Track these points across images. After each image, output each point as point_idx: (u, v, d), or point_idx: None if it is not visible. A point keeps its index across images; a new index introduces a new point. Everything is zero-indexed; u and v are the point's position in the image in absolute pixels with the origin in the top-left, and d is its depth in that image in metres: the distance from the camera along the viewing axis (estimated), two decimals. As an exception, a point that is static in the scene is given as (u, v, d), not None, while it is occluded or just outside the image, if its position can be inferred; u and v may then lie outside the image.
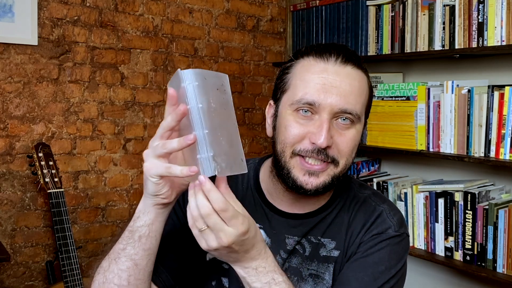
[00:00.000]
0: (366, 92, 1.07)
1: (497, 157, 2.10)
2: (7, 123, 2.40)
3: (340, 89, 1.01)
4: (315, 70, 1.03)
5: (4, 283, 2.41)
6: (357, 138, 1.06)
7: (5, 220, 2.42)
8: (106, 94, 2.65)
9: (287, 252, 1.10)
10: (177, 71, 0.85)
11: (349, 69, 1.04)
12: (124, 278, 0.96)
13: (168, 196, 0.94)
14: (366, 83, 1.07)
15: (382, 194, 1.19)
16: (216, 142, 0.85)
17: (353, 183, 1.17)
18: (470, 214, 2.19)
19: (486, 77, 2.34)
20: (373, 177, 2.64)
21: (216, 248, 0.88)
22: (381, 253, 1.06)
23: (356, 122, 1.04)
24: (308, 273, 1.09)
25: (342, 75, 1.02)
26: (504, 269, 2.09)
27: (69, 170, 2.57)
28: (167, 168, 0.88)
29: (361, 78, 1.06)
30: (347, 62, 1.04)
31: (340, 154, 1.03)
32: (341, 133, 1.03)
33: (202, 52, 2.95)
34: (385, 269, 1.05)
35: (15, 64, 2.41)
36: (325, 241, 1.09)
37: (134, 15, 2.72)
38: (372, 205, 1.12)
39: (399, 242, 1.09)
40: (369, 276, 1.03)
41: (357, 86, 1.04)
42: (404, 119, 2.42)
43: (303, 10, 3.06)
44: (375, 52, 2.63)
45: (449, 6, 2.27)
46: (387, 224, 1.09)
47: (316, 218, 1.11)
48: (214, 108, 0.86)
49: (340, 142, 1.02)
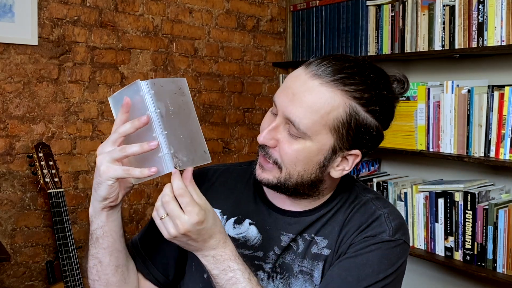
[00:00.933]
0: (327, 112, 0.99)
1: (497, 157, 2.10)
2: (7, 123, 2.40)
3: (296, 96, 1.00)
4: (292, 73, 1.06)
5: (4, 283, 2.42)
6: (303, 154, 1.01)
7: (5, 220, 2.42)
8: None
9: (281, 249, 1.10)
10: (135, 82, 0.94)
11: (315, 83, 0.99)
12: (94, 274, 1.07)
13: (116, 199, 1.00)
14: (331, 104, 0.99)
15: (386, 200, 1.17)
16: (176, 140, 0.95)
17: (357, 186, 1.16)
18: (470, 214, 2.19)
19: (486, 77, 2.34)
20: (373, 177, 2.64)
21: (175, 236, 0.94)
22: (370, 255, 1.03)
23: (304, 137, 1.00)
24: (299, 270, 1.09)
25: (305, 86, 1.00)
26: (504, 269, 2.09)
27: (69, 170, 2.57)
28: (126, 170, 0.95)
29: (325, 96, 0.98)
30: (320, 76, 0.99)
31: (282, 160, 1.03)
32: (288, 140, 1.02)
33: (202, 52, 2.95)
34: (372, 272, 1.02)
35: (15, 64, 2.41)
36: (318, 239, 1.09)
37: (134, 15, 2.72)
38: (372, 209, 1.10)
39: (393, 248, 1.05)
40: (353, 277, 1.02)
41: (310, 102, 0.98)
42: (404, 119, 2.42)
43: (303, 10, 3.07)
44: (375, 52, 2.64)
45: (449, 6, 2.27)
46: (382, 228, 1.06)
47: (313, 216, 1.11)
48: (172, 111, 0.96)
49: (282, 148, 1.02)
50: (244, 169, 1.21)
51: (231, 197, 1.17)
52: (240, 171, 1.21)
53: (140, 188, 2.79)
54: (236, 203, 1.16)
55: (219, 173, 1.22)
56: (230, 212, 1.15)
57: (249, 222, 1.13)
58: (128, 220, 2.74)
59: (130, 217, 2.75)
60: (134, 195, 2.77)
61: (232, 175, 1.21)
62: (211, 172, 1.22)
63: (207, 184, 1.19)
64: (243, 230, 1.13)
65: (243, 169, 1.21)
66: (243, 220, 1.14)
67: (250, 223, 1.13)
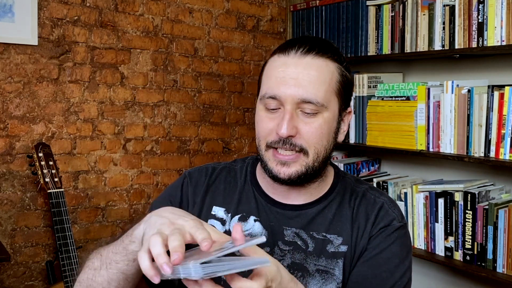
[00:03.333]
0: (330, 79, 1.08)
1: (497, 157, 2.10)
2: (7, 123, 2.40)
3: (298, 80, 1.05)
4: (276, 65, 1.09)
5: (4, 283, 2.41)
6: (325, 127, 1.08)
7: (5, 220, 2.42)
8: (106, 94, 2.65)
9: (287, 244, 1.12)
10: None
11: (308, 60, 1.07)
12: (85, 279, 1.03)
13: None
14: (329, 71, 1.08)
15: (378, 188, 1.24)
16: None
17: (349, 178, 1.21)
18: (470, 214, 2.19)
19: (486, 77, 2.34)
20: (373, 177, 2.64)
21: None
22: (393, 247, 1.10)
23: (321, 111, 1.07)
24: (315, 269, 1.10)
25: (300, 66, 1.06)
26: (504, 269, 2.09)
27: (69, 170, 2.57)
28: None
29: (322, 66, 1.07)
30: (307, 53, 1.07)
31: (307, 144, 1.07)
32: (306, 122, 1.06)
33: (202, 52, 2.95)
34: (400, 262, 1.09)
35: (15, 64, 2.41)
36: (331, 237, 1.12)
37: (134, 15, 2.72)
38: (372, 198, 1.16)
39: (405, 233, 1.14)
40: (386, 272, 1.08)
41: (316, 75, 1.06)
42: (404, 119, 2.42)
43: (303, 10, 3.06)
44: (375, 52, 2.63)
45: (449, 6, 2.27)
46: (391, 216, 1.13)
47: (313, 210, 1.14)
48: None
49: (305, 131, 1.06)
50: (240, 167, 1.23)
51: (233, 195, 1.18)
52: (236, 169, 1.23)
53: (140, 188, 2.79)
54: (238, 200, 1.17)
55: (217, 172, 1.23)
56: (234, 210, 1.16)
57: (254, 219, 1.15)
58: (128, 220, 2.74)
59: (130, 217, 2.75)
60: (134, 195, 2.77)
61: (230, 173, 1.23)
62: (209, 170, 1.23)
63: (207, 181, 1.20)
64: (249, 227, 1.14)
65: (239, 167, 1.24)
66: (247, 217, 1.15)
67: (255, 219, 1.14)
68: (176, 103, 2.88)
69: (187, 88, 2.92)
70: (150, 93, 2.79)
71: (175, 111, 2.88)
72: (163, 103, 2.83)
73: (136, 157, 2.77)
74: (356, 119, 2.68)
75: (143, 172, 2.79)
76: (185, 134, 2.91)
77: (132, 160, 2.75)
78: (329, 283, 1.10)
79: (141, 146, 2.77)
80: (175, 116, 2.88)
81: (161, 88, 2.82)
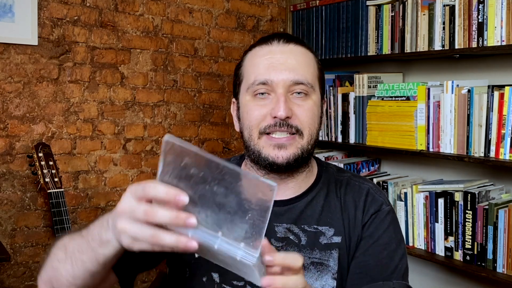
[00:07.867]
0: (313, 64, 1.15)
1: (497, 157, 2.10)
2: (7, 123, 2.40)
3: (287, 64, 1.10)
4: (261, 53, 1.13)
5: (4, 283, 2.41)
6: (315, 109, 1.13)
7: (5, 220, 2.42)
8: (106, 94, 2.65)
9: (279, 240, 1.11)
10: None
11: (292, 46, 1.13)
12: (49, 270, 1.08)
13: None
14: (311, 57, 1.16)
15: (360, 175, 1.26)
16: None
17: (332, 168, 1.23)
18: (470, 214, 2.19)
19: (486, 77, 2.34)
20: (373, 177, 2.64)
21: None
22: (387, 232, 1.12)
23: (311, 93, 1.12)
24: (309, 262, 1.11)
25: (286, 52, 1.12)
26: (504, 269, 2.09)
27: (69, 170, 2.57)
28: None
29: (305, 52, 1.15)
30: (289, 41, 1.14)
31: (302, 125, 1.10)
32: (299, 104, 1.10)
33: (202, 52, 2.95)
34: (396, 246, 1.12)
35: (15, 64, 2.41)
36: (323, 229, 1.12)
37: (134, 15, 2.72)
38: (357, 185, 1.18)
39: (393, 215, 1.17)
40: (386, 258, 1.10)
41: (302, 59, 1.13)
42: (404, 119, 2.42)
43: (303, 10, 3.07)
44: (375, 52, 2.63)
45: (449, 6, 2.27)
46: (379, 200, 1.16)
47: (301, 203, 1.14)
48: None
49: (299, 112, 1.10)
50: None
51: None
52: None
53: (140, 188, 2.78)
54: None
55: None
56: None
57: None
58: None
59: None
60: (134, 195, 2.77)
61: None
62: None
63: None
64: None
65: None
66: None
67: None
68: (176, 103, 2.88)
69: (187, 88, 2.92)
70: (150, 93, 2.79)
71: (175, 111, 2.88)
72: (163, 103, 2.83)
73: (136, 157, 2.77)
74: (356, 119, 2.68)
75: (143, 172, 2.79)
76: (185, 134, 2.91)
77: (132, 160, 2.75)
78: (324, 275, 1.10)
79: (141, 146, 2.77)
80: (175, 116, 2.88)
81: (161, 88, 2.82)
